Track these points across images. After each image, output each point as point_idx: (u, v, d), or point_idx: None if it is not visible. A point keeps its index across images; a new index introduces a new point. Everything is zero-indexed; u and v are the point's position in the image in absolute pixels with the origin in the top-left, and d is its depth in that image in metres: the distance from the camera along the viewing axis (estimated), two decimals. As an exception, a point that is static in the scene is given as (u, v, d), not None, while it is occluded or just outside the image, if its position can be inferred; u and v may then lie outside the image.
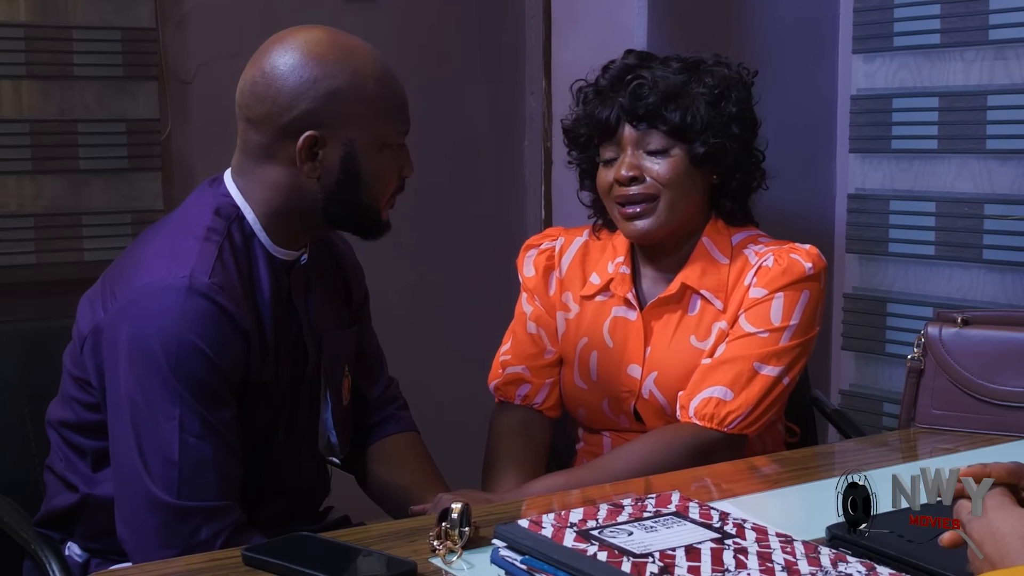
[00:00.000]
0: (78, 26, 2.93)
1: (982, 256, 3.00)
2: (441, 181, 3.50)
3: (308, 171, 1.76)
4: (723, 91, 2.12)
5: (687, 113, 2.07)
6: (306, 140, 1.74)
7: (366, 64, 1.77)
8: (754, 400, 2.04)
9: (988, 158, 2.98)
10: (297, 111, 1.73)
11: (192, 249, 1.72)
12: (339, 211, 1.80)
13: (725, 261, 2.13)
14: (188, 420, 1.67)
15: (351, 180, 1.77)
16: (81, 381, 1.81)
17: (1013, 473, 1.33)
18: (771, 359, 2.05)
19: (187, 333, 1.67)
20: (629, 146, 2.10)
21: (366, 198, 1.80)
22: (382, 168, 1.80)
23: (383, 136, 1.79)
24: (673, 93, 2.09)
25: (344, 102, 1.74)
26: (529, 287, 2.26)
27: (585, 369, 2.18)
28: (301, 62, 1.74)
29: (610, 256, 2.21)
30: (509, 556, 1.41)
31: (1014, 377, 2.11)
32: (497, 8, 3.59)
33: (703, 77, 2.13)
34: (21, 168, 2.89)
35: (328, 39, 1.78)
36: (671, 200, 2.08)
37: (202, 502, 1.67)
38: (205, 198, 1.82)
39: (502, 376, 2.23)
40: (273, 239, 1.81)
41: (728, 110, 2.10)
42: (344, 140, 1.75)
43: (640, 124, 2.09)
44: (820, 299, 2.12)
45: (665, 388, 2.11)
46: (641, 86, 2.09)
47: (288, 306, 1.84)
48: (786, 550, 1.39)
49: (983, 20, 2.96)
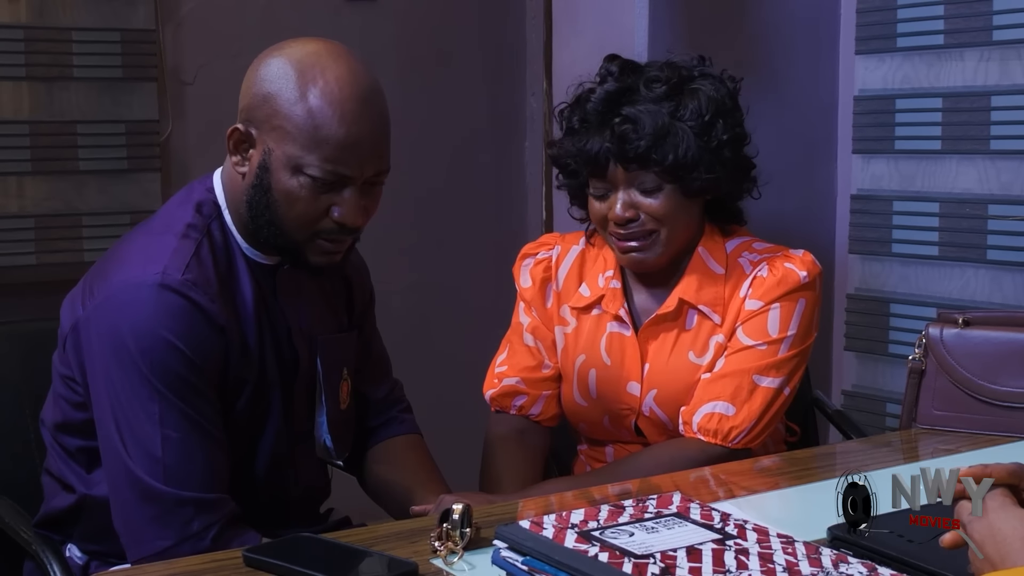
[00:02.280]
0: (77, 27, 2.93)
1: (985, 257, 3.00)
2: (441, 182, 3.50)
3: (236, 163, 1.77)
4: (711, 118, 2.05)
5: (677, 151, 2.01)
6: (233, 131, 1.75)
7: (319, 82, 1.70)
8: (756, 414, 2.03)
9: (991, 158, 2.98)
10: (243, 103, 1.76)
11: (169, 246, 1.73)
12: (256, 220, 1.76)
13: (721, 271, 2.11)
14: (168, 415, 1.68)
15: (262, 190, 1.74)
16: (68, 379, 1.82)
17: (1014, 474, 1.33)
18: (770, 371, 2.05)
19: (159, 329, 1.68)
20: (621, 185, 2.05)
21: (277, 218, 1.74)
22: (294, 193, 1.71)
23: (300, 161, 1.70)
24: (661, 133, 2.02)
25: (272, 109, 1.71)
26: (527, 298, 2.24)
27: (584, 386, 2.17)
28: (274, 63, 1.74)
29: (601, 268, 2.18)
30: (510, 557, 1.40)
31: (1015, 378, 2.10)
32: (498, 9, 3.59)
33: (688, 102, 2.05)
34: (21, 169, 2.89)
35: (315, 53, 1.73)
36: (669, 233, 2.06)
37: (192, 493, 1.68)
38: (191, 195, 1.83)
39: (498, 387, 2.21)
40: (248, 241, 1.81)
41: (718, 138, 2.05)
42: (264, 147, 1.73)
43: (631, 166, 2.04)
44: (816, 305, 2.11)
45: (665, 405, 2.10)
46: (627, 132, 2.02)
47: (275, 308, 1.83)
48: (787, 551, 1.39)
49: (987, 20, 2.96)
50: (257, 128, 1.73)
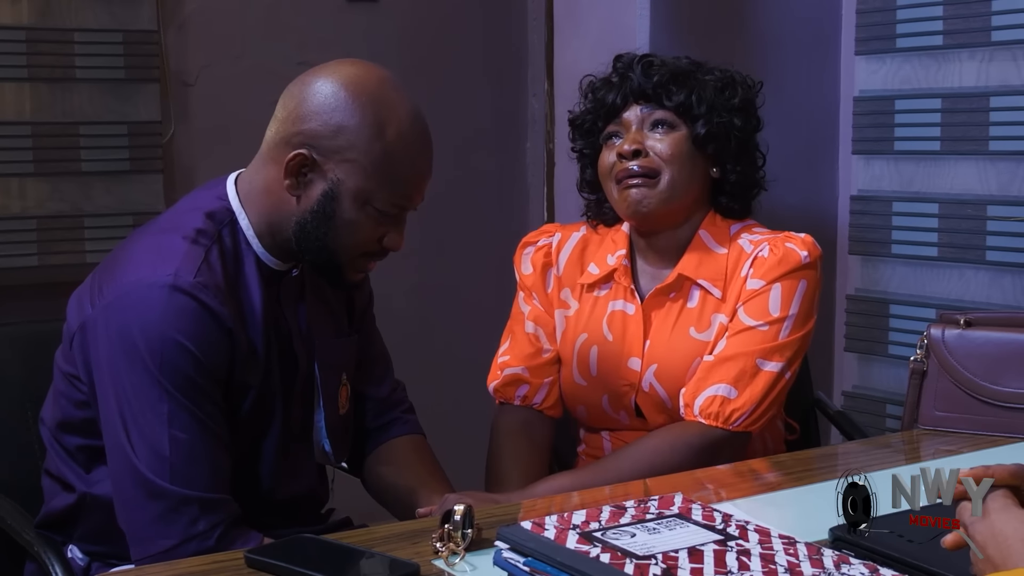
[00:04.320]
0: (80, 28, 2.93)
1: (985, 258, 3.00)
2: (443, 183, 3.49)
3: (290, 186, 1.76)
4: (729, 83, 2.18)
5: (693, 93, 2.13)
6: (297, 156, 1.74)
7: (394, 121, 1.75)
8: (758, 397, 2.04)
9: (991, 159, 2.98)
10: (306, 127, 1.74)
11: (179, 249, 1.73)
12: (306, 242, 1.78)
13: (723, 251, 2.13)
14: (176, 415, 1.68)
15: (324, 217, 1.76)
16: (71, 377, 1.82)
17: (1016, 475, 1.33)
18: (773, 355, 2.06)
19: (170, 330, 1.68)
20: (634, 124, 2.14)
21: (332, 243, 1.78)
22: (358, 224, 1.77)
23: (371, 195, 1.75)
24: (681, 74, 2.15)
25: (347, 142, 1.73)
26: (527, 285, 2.26)
27: (584, 365, 2.18)
28: (338, 89, 1.74)
29: (610, 249, 2.22)
30: (512, 558, 1.40)
31: (1017, 379, 2.10)
32: (500, 10, 3.59)
33: (711, 70, 2.20)
34: (23, 170, 2.90)
35: (377, 83, 1.77)
36: (672, 178, 2.10)
37: (198, 492, 1.68)
38: (199, 201, 1.83)
39: (501, 378, 2.23)
40: (267, 248, 1.81)
41: (732, 101, 2.16)
42: (332, 177, 1.75)
43: (647, 104, 2.14)
44: (817, 288, 2.13)
45: (665, 380, 2.11)
46: (651, 64, 2.15)
47: (278, 313, 1.84)
48: (789, 552, 1.39)
49: (986, 21, 2.96)
50: (325, 157, 1.74)
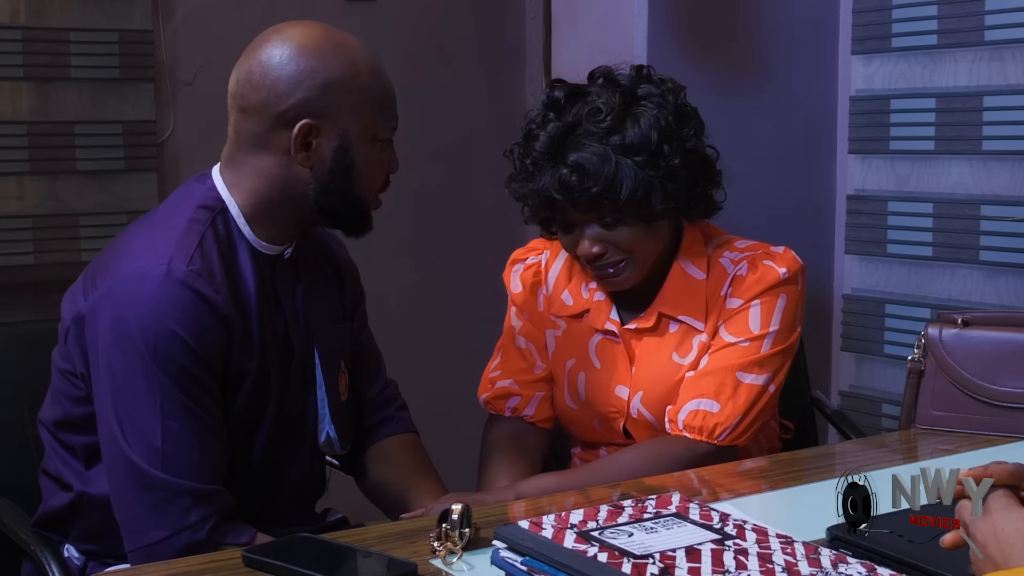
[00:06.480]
0: (75, 28, 2.93)
1: (979, 257, 3.00)
2: (440, 181, 3.50)
3: (302, 160, 1.77)
4: (658, 144, 1.99)
5: (628, 190, 1.96)
6: (301, 128, 1.75)
7: (359, 57, 1.80)
8: (741, 411, 2.02)
9: (984, 159, 2.99)
10: (293, 100, 1.75)
11: (172, 239, 1.73)
12: (330, 203, 1.81)
13: (702, 276, 2.09)
14: (169, 406, 1.68)
15: (344, 171, 1.79)
16: (68, 374, 1.82)
17: (1015, 475, 1.33)
18: (753, 368, 2.04)
19: (166, 320, 1.68)
20: (582, 223, 2.03)
21: (358, 190, 1.81)
22: (373, 161, 1.82)
23: (374, 129, 1.80)
24: (609, 176, 1.96)
25: (339, 93, 1.76)
26: (518, 303, 2.24)
27: (574, 390, 2.17)
28: (297, 53, 1.76)
29: (585, 278, 2.16)
30: (509, 557, 1.40)
31: (1015, 378, 2.10)
32: (497, 8, 3.59)
33: (632, 131, 1.99)
34: (19, 169, 2.90)
35: (322, 33, 1.81)
36: (642, 257, 2.05)
37: (191, 483, 1.68)
38: (189, 192, 1.83)
39: (491, 390, 2.21)
40: (257, 233, 1.81)
41: (669, 163, 1.99)
42: (339, 131, 1.77)
43: (587, 209, 2.00)
44: (799, 301, 2.10)
45: (652, 406, 2.10)
46: (575, 182, 1.96)
47: (274, 298, 1.84)
48: (787, 551, 1.39)
49: (979, 21, 2.96)
50: (325, 116, 1.76)
